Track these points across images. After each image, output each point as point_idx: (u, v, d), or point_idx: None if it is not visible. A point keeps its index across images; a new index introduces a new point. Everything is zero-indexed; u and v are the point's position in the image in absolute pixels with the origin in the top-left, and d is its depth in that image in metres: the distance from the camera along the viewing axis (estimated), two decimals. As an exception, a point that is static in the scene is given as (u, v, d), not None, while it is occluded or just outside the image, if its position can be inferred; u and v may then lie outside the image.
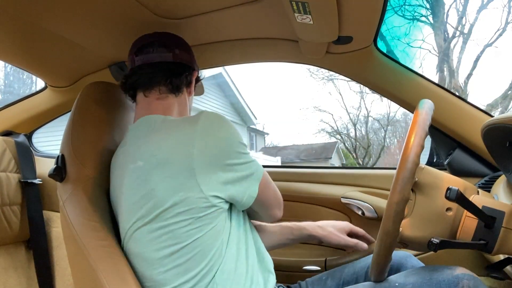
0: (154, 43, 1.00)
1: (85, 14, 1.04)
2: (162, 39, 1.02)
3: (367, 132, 16.90)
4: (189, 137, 0.83)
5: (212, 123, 0.86)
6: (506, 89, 11.26)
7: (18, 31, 1.10)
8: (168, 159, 0.83)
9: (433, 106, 0.79)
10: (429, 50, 12.05)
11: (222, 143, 0.85)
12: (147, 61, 0.99)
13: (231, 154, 0.85)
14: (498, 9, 14.29)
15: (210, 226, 0.83)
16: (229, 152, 0.85)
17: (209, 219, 0.83)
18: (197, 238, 0.82)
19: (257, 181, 0.90)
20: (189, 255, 0.82)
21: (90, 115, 1.04)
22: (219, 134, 0.85)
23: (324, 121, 18.31)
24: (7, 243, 1.40)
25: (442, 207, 0.76)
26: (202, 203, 0.81)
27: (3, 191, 1.36)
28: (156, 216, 0.82)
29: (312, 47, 1.23)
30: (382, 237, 0.71)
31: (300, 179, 1.50)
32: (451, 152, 1.32)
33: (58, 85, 1.51)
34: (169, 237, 0.82)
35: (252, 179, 0.89)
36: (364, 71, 1.33)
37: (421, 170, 0.78)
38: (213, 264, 0.83)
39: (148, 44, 1.00)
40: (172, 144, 0.84)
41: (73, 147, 0.99)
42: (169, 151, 0.84)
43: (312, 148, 17.50)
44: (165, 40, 1.01)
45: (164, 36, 1.03)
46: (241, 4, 1.07)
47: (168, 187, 0.82)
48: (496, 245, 0.72)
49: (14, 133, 1.59)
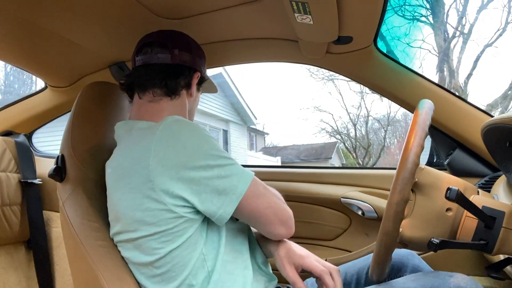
0: (153, 43, 0.98)
1: (85, 14, 1.04)
2: (162, 39, 0.99)
3: (367, 132, 16.90)
4: (146, 148, 0.79)
5: (171, 131, 0.79)
6: (506, 89, 11.26)
7: (18, 31, 1.10)
8: (130, 171, 0.81)
9: (433, 106, 0.79)
10: (429, 50, 12.06)
11: (181, 153, 0.77)
12: (145, 62, 0.97)
13: (193, 166, 0.77)
14: (498, 9, 14.27)
15: (183, 238, 0.80)
16: (190, 164, 0.77)
17: (180, 231, 0.79)
18: (171, 250, 0.79)
19: (235, 199, 0.79)
20: (166, 267, 0.80)
21: (90, 115, 1.04)
22: (178, 143, 0.78)
23: (324, 121, 18.34)
24: (7, 243, 1.40)
25: (442, 207, 0.76)
26: (167, 214, 0.77)
27: (3, 191, 1.36)
28: (122, 232, 0.84)
29: (312, 47, 1.23)
30: (382, 237, 0.71)
31: (300, 179, 1.50)
32: (451, 152, 1.32)
33: (58, 85, 1.51)
34: (141, 251, 0.82)
35: (226, 196, 0.79)
36: (364, 71, 1.33)
37: (421, 171, 0.78)
38: (195, 275, 0.81)
39: (147, 44, 0.99)
40: (133, 155, 0.81)
41: (73, 147, 0.99)
42: (130, 162, 0.81)
43: (312, 148, 17.51)
44: (165, 40, 0.99)
45: (165, 35, 1.00)
46: (241, 4, 1.07)
47: (131, 199, 0.80)
48: (496, 245, 0.72)
49: (14, 133, 1.59)
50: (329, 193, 1.45)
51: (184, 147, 0.78)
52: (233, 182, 0.79)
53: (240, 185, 0.80)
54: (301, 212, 1.48)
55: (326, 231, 1.48)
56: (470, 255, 1.24)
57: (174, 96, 0.96)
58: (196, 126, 0.82)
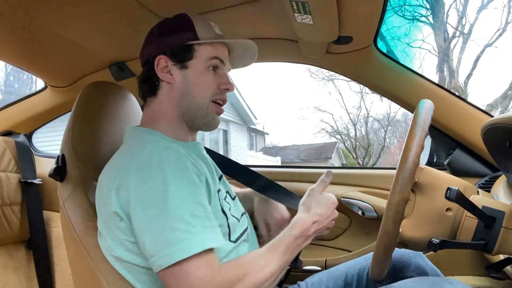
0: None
1: (85, 14, 1.04)
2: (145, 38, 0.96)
3: (367, 132, 16.90)
4: (114, 173, 0.80)
5: (130, 169, 0.76)
6: (506, 89, 11.27)
7: (18, 31, 1.10)
8: (101, 184, 0.84)
9: (433, 106, 0.79)
10: (429, 50, 12.06)
11: (132, 194, 0.75)
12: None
13: (137, 210, 0.74)
14: (498, 9, 14.29)
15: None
16: (135, 208, 0.74)
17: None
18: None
19: (164, 263, 0.70)
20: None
21: (90, 115, 1.04)
22: (131, 182, 0.75)
23: (324, 121, 18.33)
24: (7, 243, 1.40)
25: (442, 207, 0.76)
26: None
27: (3, 191, 1.36)
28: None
29: (312, 47, 1.23)
30: (382, 238, 0.71)
31: (300, 179, 1.50)
32: (451, 152, 1.32)
33: (58, 85, 1.51)
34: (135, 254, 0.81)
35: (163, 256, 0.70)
36: (364, 71, 1.33)
37: (421, 171, 0.78)
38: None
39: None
40: (107, 172, 0.84)
41: (73, 147, 0.99)
42: (103, 176, 0.85)
43: (312, 148, 17.51)
44: (145, 39, 0.96)
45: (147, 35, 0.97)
46: (241, 4, 1.07)
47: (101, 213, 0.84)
48: (496, 245, 0.72)
49: (14, 133, 1.59)
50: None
51: (134, 191, 0.76)
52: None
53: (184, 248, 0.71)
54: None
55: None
56: (470, 255, 1.24)
57: (154, 94, 0.91)
58: (162, 165, 0.76)
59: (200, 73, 0.90)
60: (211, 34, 0.92)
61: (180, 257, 0.68)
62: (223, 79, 0.92)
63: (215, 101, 0.92)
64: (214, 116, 0.92)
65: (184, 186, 0.74)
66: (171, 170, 0.75)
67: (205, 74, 0.90)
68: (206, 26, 0.93)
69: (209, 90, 0.90)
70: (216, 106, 0.92)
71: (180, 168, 0.76)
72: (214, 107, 0.91)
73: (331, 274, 1.03)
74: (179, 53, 0.89)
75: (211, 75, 0.91)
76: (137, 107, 1.18)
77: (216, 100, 0.92)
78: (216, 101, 0.92)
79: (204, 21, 0.93)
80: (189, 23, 0.91)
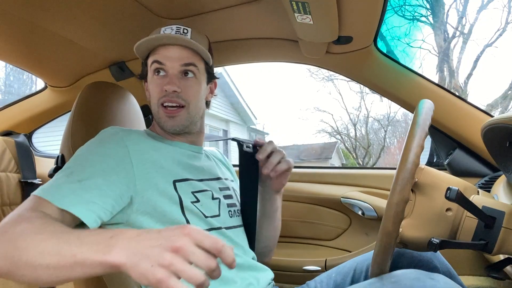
0: None
1: (85, 14, 1.04)
2: None
3: (367, 132, 16.89)
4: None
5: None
6: (506, 89, 11.25)
7: (18, 31, 1.10)
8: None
9: (433, 106, 0.78)
10: (429, 50, 12.05)
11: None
12: None
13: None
14: (498, 9, 14.27)
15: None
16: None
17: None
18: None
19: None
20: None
21: (90, 115, 1.04)
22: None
23: (324, 121, 18.31)
24: (7, 243, 1.40)
25: (442, 207, 0.75)
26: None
27: (3, 191, 1.36)
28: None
29: (312, 47, 1.23)
30: (382, 238, 0.71)
31: (300, 179, 1.50)
32: (451, 152, 1.32)
33: (58, 85, 1.51)
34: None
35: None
36: (364, 71, 1.33)
37: (421, 171, 0.78)
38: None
39: None
40: None
41: (73, 147, 0.99)
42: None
43: (312, 148, 17.50)
44: None
45: None
46: (241, 4, 1.07)
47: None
48: (496, 245, 0.72)
49: (14, 133, 1.59)
50: (329, 193, 1.45)
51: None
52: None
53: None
54: (301, 212, 1.48)
55: (326, 231, 1.48)
56: (470, 255, 1.24)
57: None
58: (99, 136, 0.86)
59: (150, 82, 0.94)
60: (149, 38, 0.91)
61: (33, 193, 0.73)
62: (164, 80, 0.91)
63: (164, 105, 0.92)
64: (165, 120, 0.92)
65: (89, 154, 0.81)
66: (96, 142, 0.84)
67: (152, 81, 0.93)
68: (155, 32, 0.93)
69: (155, 95, 0.92)
70: (163, 109, 0.92)
71: (103, 143, 0.84)
72: (162, 110, 0.92)
73: (339, 269, 1.03)
74: (143, 71, 0.97)
75: (156, 80, 0.92)
76: (137, 107, 1.18)
77: (163, 103, 0.92)
78: (165, 104, 0.92)
79: (155, 30, 0.94)
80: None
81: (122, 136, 0.85)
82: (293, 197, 1.48)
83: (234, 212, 0.99)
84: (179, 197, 0.86)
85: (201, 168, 0.97)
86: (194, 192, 0.90)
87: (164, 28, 0.92)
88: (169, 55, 0.91)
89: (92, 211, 0.73)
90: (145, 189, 0.82)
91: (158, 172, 0.85)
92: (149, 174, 0.84)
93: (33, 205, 0.70)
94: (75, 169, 0.78)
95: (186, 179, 0.90)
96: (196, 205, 0.88)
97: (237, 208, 1.01)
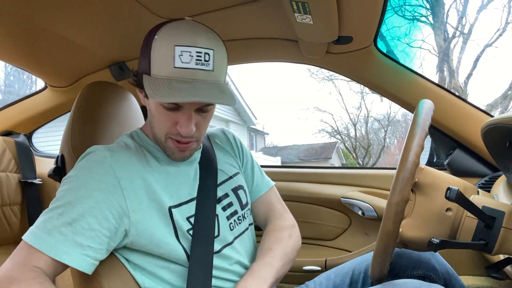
0: None
1: (85, 14, 1.04)
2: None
3: (367, 132, 16.90)
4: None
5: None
6: (506, 89, 11.26)
7: (18, 31, 1.10)
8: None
9: (433, 106, 0.79)
10: (429, 50, 12.05)
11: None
12: None
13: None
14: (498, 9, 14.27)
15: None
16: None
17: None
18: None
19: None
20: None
21: (90, 115, 1.04)
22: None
23: (324, 121, 18.34)
24: (7, 243, 1.40)
25: (442, 207, 0.75)
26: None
27: (3, 191, 1.36)
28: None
29: (312, 47, 1.23)
30: (382, 238, 0.71)
31: (300, 179, 1.50)
32: (451, 152, 1.32)
33: (58, 85, 1.51)
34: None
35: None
36: (364, 71, 1.33)
37: (421, 171, 0.78)
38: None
39: None
40: None
41: (73, 147, 0.99)
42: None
43: (312, 148, 17.50)
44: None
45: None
46: (241, 4, 1.07)
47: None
48: (496, 245, 0.72)
49: (14, 133, 1.59)
50: (329, 193, 1.45)
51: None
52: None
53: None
54: (301, 212, 1.48)
55: (326, 231, 1.48)
56: (470, 255, 1.24)
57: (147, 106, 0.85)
58: (86, 162, 0.79)
59: (155, 109, 0.80)
60: (167, 69, 0.73)
61: (24, 235, 0.73)
62: (180, 120, 0.78)
63: (174, 138, 0.81)
64: (174, 151, 0.83)
65: (80, 190, 0.75)
66: (83, 172, 0.77)
67: (159, 110, 0.79)
68: (166, 55, 0.74)
69: (162, 127, 0.80)
70: (173, 142, 0.82)
71: (91, 174, 0.76)
72: (172, 143, 0.82)
73: (338, 271, 1.03)
74: (140, 81, 0.79)
75: (166, 113, 0.78)
76: (137, 107, 1.18)
77: (173, 137, 0.81)
78: (175, 139, 0.81)
79: (166, 48, 0.74)
80: (148, 47, 0.76)
81: (110, 163, 0.77)
82: (293, 197, 1.48)
83: (235, 222, 0.92)
84: (174, 225, 0.81)
85: (193, 183, 0.88)
86: (188, 217, 0.83)
87: (180, 53, 0.73)
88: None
89: (87, 256, 0.72)
90: (139, 220, 0.77)
91: (151, 201, 0.79)
92: (142, 204, 0.78)
93: (25, 259, 0.71)
94: (65, 209, 0.72)
95: (179, 204, 0.83)
96: (190, 232, 0.82)
97: (238, 216, 0.93)
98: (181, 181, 0.86)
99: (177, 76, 0.73)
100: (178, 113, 0.78)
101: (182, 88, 0.72)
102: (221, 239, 0.87)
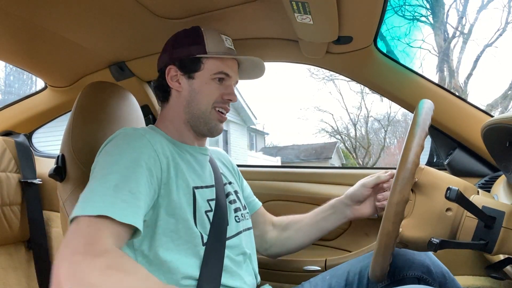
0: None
1: (85, 14, 1.05)
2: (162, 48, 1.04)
3: (367, 132, 16.91)
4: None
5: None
6: (506, 89, 11.27)
7: (18, 31, 1.10)
8: None
9: (433, 106, 0.79)
10: (429, 50, 12.06)
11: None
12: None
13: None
14: (498, 9, 14.29)
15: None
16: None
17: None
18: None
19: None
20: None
21: (90, 115, 1.04)
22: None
23: (324, 121, 18.35)
24: (7, 243, 1.40)
25: (442, 207, 0.75)
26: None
27: (3, 191, 1.36)
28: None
29: (312, 47, 1.23)
30: (382, 238, 0.71)
31: (300, 179, 1.50)
32: (451, 152, 1.32)
33: (58, 85, 1.51)
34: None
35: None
36: (364, 71, 1.33)
37: (421, 171, 0.78)
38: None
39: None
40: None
41: (73, 147, 0.99)
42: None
43: (312, 148, 17.51)
44: (162, 48, 1.03)
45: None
46: (241, 4, 1.07)
47: None
48: (496, 245, 0.72)
49: (14, 133, 1.60)
50: (329, 193, 1.45)
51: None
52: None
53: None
54: (301, 212, 1.47)
55: (326, 231, 1.47)
56: (470, 255, 1.24)
57: (167, 100, 0.99)
58: (125, 138, 0.84)
59: (205, 83, 0.96)
60: (220, 48, 0.97)
61: (75, 214, 0.68)
62: (227, 90, 0.98)
63: (218, 109, 0.97)
64: (216, 123, 0.98)
65: (126, 160, 0.78)
66: (124, 145, 0.82)
67: (209, 84, 0.96)
68: (216, 40, 0.98)
69: (211, 97, 0.96)
70: (218, 114, 0.97)
71: (133, 146, 0.82)
72: (216, 114, 0.97)
73: (334, 272, 1.04)
74: (188, 64, 0.96)
75: (216, 85, 0.97)
76: (137, 107, 1.18)
77: (218, 108, 0.97)
78: (219, 109, 0.97)
79: (215, 35, 0.99)
80: (200, 37, 0.97)
81: (148, 139, 0.85)
82: (293, 197, 1.47)
83: (240, 217, 1.00)
84: (194, 205, 0.87)
85: (209, 173, 0.98)
86: (208, 200, 0.91)
87: (225, 38, 1.01)
88: (234, 69, 1.00)
89: (141, 218, 0.74)
90: (167, 194, 0.84)
91: (178, 179, 0.86)
92: (171, 180, 0.85)
93: (93, 231, 0.66)
94: (119, 180, 0.74)
95: (201, 187, 0.92)
96: (208, 214, 0.89)
97: (241, 213, 1.02)
98: (201, 168, 0.96)
99: (228, 52, 0.99)
100: (223, 86, 0.97)
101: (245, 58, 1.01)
102: (231, 229, 0.94)
